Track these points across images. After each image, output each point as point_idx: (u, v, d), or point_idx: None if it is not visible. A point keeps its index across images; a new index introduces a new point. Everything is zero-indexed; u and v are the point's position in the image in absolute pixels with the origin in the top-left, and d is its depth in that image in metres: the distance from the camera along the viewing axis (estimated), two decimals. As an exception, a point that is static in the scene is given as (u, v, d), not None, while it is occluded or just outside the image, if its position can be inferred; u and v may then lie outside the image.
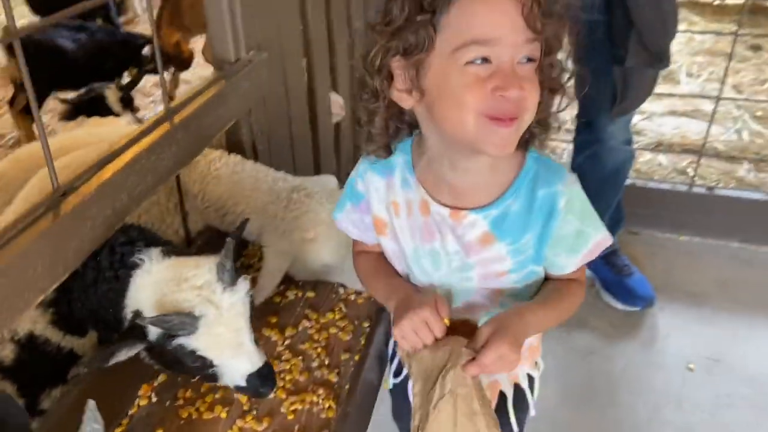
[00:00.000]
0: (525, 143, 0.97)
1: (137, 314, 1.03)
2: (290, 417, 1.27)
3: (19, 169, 1.84)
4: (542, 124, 0.95)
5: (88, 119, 2.80)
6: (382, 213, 1.09)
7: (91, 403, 0.86)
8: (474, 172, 0.98)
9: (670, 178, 3.15)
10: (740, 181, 3.17)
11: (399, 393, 1.39)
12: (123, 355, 1.00)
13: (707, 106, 3.82)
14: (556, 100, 0.95)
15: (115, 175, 1.12)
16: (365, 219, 1.13)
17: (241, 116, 1.61)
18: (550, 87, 0.92)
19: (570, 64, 0.93)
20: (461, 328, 1.02)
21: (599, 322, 2.45)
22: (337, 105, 2.23)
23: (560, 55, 0.92)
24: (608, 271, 2.52)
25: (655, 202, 2.87)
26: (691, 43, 4.68)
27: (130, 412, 1.27)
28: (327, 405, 1.29)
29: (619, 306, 2.50)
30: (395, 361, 1.35)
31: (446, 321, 0.98)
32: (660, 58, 1.84)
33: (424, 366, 0.99)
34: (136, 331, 1.01)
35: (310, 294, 1.58)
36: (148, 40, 3.60)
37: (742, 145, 3.48)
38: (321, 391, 1.32)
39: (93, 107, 2.87)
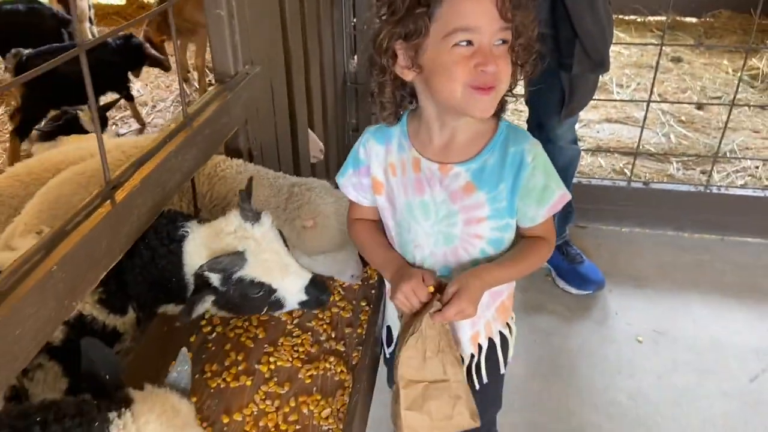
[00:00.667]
0: (498, 111, 1.20)
1: (199, 277, 1.23)
2: (308, 381, 1.45)
3: (19, 186, 1.93)
4: (512, 93, 1.21)
5: (66, 138, 2.90)
6: (379, 175, 1.31)
7: (183, 350, 1.02)
8: (459, 130, 1.21)
9: (609, 177, 3.47)
10: (671, 177, 3.52)
11: (391, 362, 1.58)
12: (200, 308, 1.21)
13: (638, 113, 4.21)
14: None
15: (152, 172, 1.28)
16: (363, 181, 1.33)
17: (240, 125, 1.78)
18: (520, 63, 1.15)
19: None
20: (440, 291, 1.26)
21: (556, 306, 2.71)
22: (316, 148, 2.42)
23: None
24: (562, 260, 2.79)
25: (598, 198, 3.17)
26: (619, 57, 5.11)
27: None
28: (339, 369, 1.47)
29: (573, 291, 2.77)
30: (384, 333, 1.55)
31: (431, 288, 1.21)
32: (601, 64, 2.13)
33: (407, 320, 1.26)
34: (203, 285, 1.21)
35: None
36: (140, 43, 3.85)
37: (670, 146, 3.86)
38: (332, 359, 1.50)
39: (68, 128, 2.97)
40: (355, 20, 3.15)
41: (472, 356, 1.42)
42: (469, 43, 1.08)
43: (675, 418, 2.19)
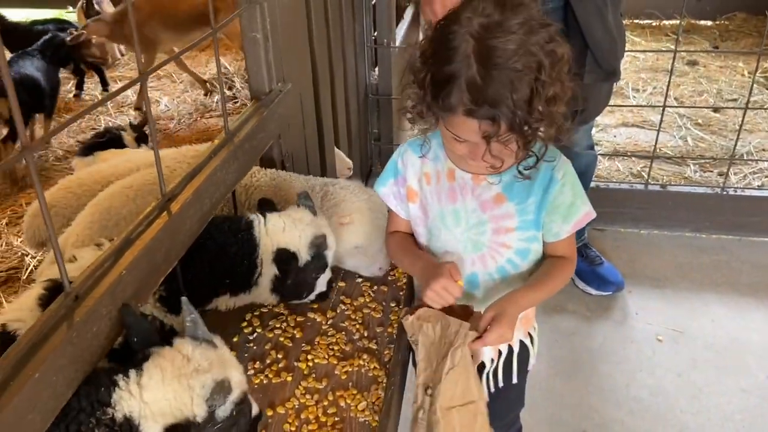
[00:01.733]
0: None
1: (282, 251, 1.47)
2: (344, 377, 1.55)
3: (71, 197, 2.07)
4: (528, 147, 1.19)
5: (102, 152, 3.05)
6: (414, 184, 1.42)
7: (184, 299, 1.12)
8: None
9: (627, 181, 3.54)
10: (688, 179, 3.58)
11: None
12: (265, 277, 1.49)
13: (654, 116, 4.28)
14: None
15: (201, 185, 1.40)
16: (401, 191, 1.44)
17: (275, 138, 1.90)
18: (523, 142, 1.15)
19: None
20: (460, 312, 1.31)
21: (577, 307, 2.79)
22: (344, 167, 2.53)
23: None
24: (581, 263, 2.87)
25: (616, 201, 3.25)
26: (635, 61, 5.18)
27: (212, 382, 1.53)
28: (372, 366, 1.58)
29: (593, 291, 2.84)
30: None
31: (460, 282, 1.28)
32: (613, 73, 2.21)
33: (430, 339, 1.33)
34: (287, 259, 1.46)
35: (341, 284, 1.86)
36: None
37: (687, 149, 3.92)
38: (365, 356, 1.60)
39: (109, 145, 3.12)
40: (375, 34, 3.27)
41: (492, 360, 1.52)
42: (462, 140, 1.18)
43: (695, 414, 2.26)
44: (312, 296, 1.60)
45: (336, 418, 1.44)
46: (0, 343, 1.17)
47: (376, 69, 3.39)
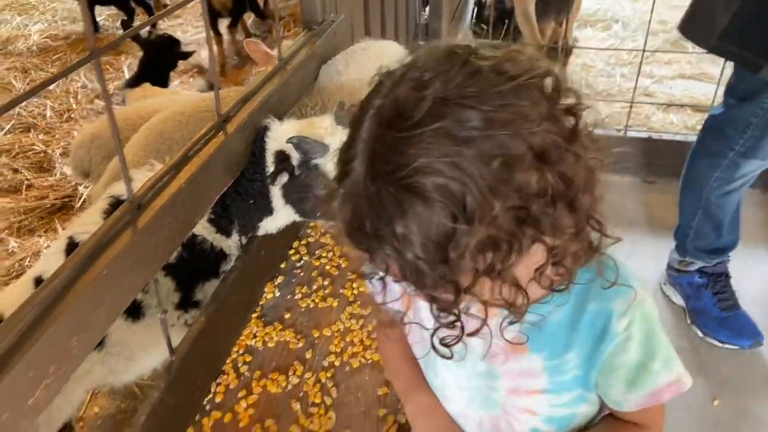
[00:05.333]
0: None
1: (280, 153, 1.38)
2: (388, 306, 1.58)
3: (140, 116, 2.12)
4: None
5: (148, 85, 3.12)
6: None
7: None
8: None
9: (682, 132, 3.42)
10: (745, 135, 3.45)
11: None
12: (279, 180, 1.36)
13: (714, 69, 4.10)
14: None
15: (255, 109, 1.41)
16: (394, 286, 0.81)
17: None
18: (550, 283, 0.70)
19: None
20: None
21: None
22: None
23: None
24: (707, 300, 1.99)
25: (669, 153, 3.15)
26: (697, 11, 4.93)
27: (260, 303, 1.58)
28: (417, 297, 1.60)
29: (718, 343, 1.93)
30: None
31: None
32: None
33: None
34: (282, 162, 1.37)
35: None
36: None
37: (746, 104, 3.75)
38: (410, 287, 1.62)
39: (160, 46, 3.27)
40: (428, -27, 3.19)
41: None
42: None
43: None
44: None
45: (380, 343, 1.48)
46: (68, 254, 1.23)
47: (426, 9, 3.32)
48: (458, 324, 0.69)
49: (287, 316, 1.55)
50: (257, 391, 1.36)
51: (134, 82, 3.23)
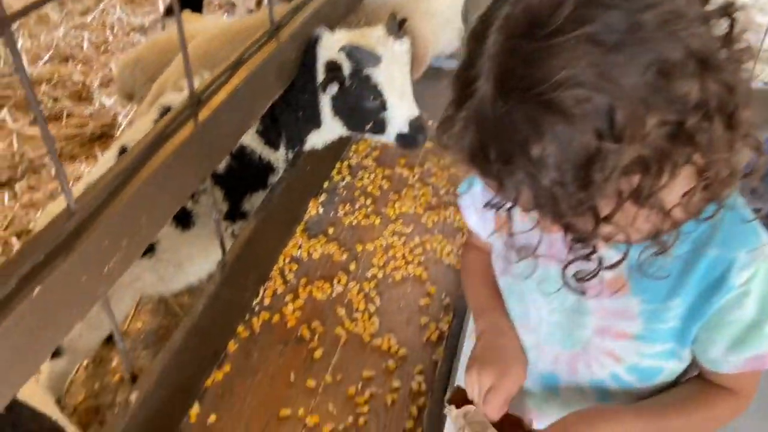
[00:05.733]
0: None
1: (331, 63, 1.37)
2: (429, 225, 1.60)
3: (158, 55, 2.13)
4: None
5: (188, 11, 3.11)
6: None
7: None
8: None
9: None
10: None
11: None
12: (330, 90, 1.36)
13: (762, 18, 3.96)
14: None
15: (310, 17, 1.41)
16: (487, 215, 0.84)
17: None
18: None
19: None
20: (514, 424, 0.86)
21: None
22: None
23: None
24: None
25: None
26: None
27: (305, 218, 1.62)
28: (458, 218, 1.62)
29: None
30: None
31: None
32: None
33: None
34: (333, 71, 1.36)
35: (428, 144, 1.89)
36: None
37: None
38: (451, 207, 1.64)
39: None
40: None
41: None
42: None
43: None
44: (384, 137, 1.42)
45: (422, 258, 1.51)
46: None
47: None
48: (594, 257, 0.64)
49: (331, 230, 1.58)
50: (303, 297, 1.41)
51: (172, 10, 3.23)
